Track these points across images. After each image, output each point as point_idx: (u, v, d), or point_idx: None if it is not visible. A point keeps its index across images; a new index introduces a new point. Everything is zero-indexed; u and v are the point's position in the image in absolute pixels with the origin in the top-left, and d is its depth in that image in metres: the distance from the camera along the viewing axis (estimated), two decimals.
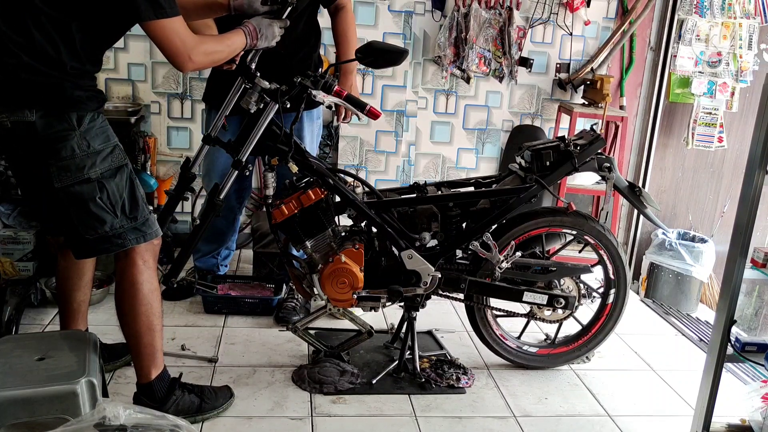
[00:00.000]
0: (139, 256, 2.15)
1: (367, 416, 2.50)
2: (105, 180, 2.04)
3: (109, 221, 2.06)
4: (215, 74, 3.04)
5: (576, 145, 2.67)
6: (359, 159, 3.97)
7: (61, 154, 1.98)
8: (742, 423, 2.33)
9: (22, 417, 1.88)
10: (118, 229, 2.08)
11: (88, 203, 2.03)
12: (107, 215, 2.05)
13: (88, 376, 1.93)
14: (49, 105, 1.97)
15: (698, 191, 4.23)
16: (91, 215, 2.05)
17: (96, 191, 2.03)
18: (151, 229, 2.16)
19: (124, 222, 2.09)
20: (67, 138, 1.98)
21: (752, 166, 2.07)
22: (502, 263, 2.65)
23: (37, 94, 1.95)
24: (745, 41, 3.70)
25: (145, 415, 1.77)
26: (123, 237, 2.10)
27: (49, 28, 1.93)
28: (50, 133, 1.97)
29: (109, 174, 2.05)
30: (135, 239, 2.12)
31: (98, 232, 2.07)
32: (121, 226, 2.08)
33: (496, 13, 3.87)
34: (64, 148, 1.98)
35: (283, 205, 2.51)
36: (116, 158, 2.08)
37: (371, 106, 2.45)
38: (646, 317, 3.68)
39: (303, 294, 2.70)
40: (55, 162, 1.99)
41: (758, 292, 3.52)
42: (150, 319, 2.20)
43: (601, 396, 2.77)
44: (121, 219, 2.08)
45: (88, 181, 2.02)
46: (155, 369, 2.25)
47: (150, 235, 2.16)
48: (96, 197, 2.03)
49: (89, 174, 2.02)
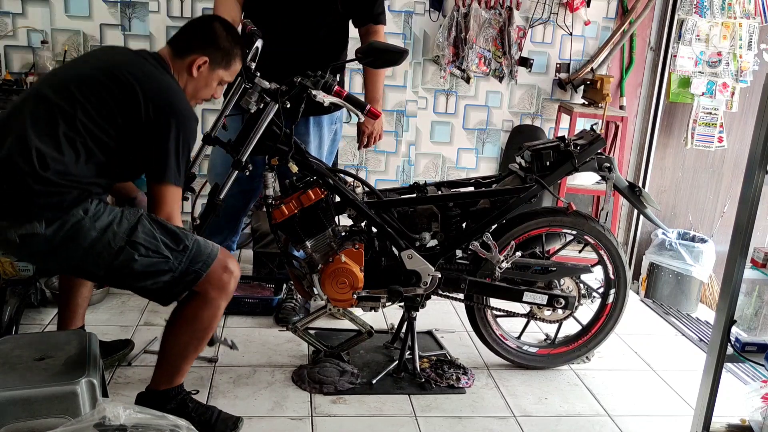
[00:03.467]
0: (205, 292, 2.08)
1: (367, 416, 2.50)
2: (133, 238, 1.98)
3: (165, 266, 2.01)
4: None
5: (576, 145, 2.67)
6: (359, 159, 3.97)
7: (85, 246, 1.95)
8: (742, 423, 2.33)
9: (22, 417, 1.87)
10: (180, 267, 2.03)
11: (134, 267, 1.99)
12: (159, 262, 2.00)
13: (88, 376, 1.93)
14: (60, 214, 1.93)
15: (698, 191, 4.23)
16: (146, 274, 2.01)
17: (133, 253, 1.98)
18: (208, 249, 2.09)
19: (180, 257, 2.03)
20: (81, 229, 1.94)
21: (752, 166, 2.07)
22: (502, 263, 2.65)
23: (49, 208, 1.91)
24: (745, 41, 3.70)
25: (145, 415, 1.77)
26: (190, 271, 2.04)
27: (81, 150, 1.93)
28: (63, 235, 1.93)
29: (132, 231, 1.99)
30: (202, 266, 2.05)
31: (164, 279, 2.02)
32: (180, 262, 2.03)
33: (496, 13, 3.87)
34: (84, 239, 1.95)
35: (283, 205, 2.51)
36: (130, 215, 2.02)
37: (371, 106, 2.45)
38: (646, 317, 3.68)
39: (303, 294, 2.70)
40: (84, 258, 1.96)
41: (758, 292, 3.52)
42: (197, 346, 2.17)
43: (601, 396, 2.77)
44: (174, 257, 2.02)
45: (120, 251, 1.97)
46: (175, 382, 2.21)
47: (212, 255, 2.08)
48: (136, 257, 1.98)
49: (117, 245, 1.97)
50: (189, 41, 2.14)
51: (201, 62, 2.10)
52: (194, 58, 2.11)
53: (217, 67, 2.15)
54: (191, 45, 2.13)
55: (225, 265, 2.11)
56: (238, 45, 2.21)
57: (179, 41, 2.16)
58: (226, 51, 2.16)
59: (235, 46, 2.19)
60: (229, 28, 2.22)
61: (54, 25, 3.63)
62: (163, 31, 3.72)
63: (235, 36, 2.23)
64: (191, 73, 2.12)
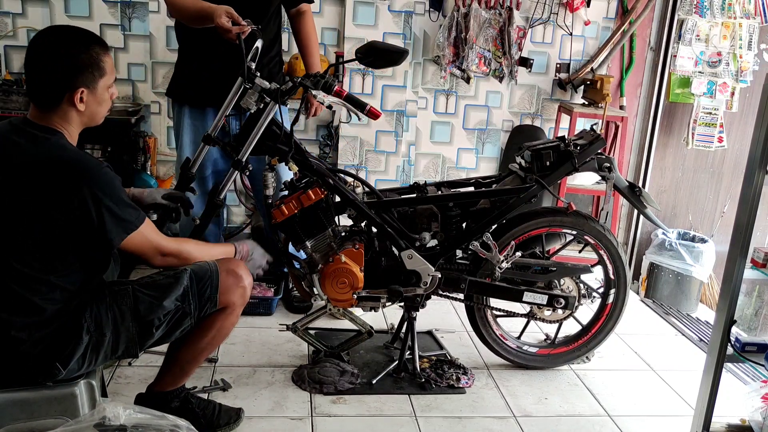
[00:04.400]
0: (225, 303, 2.07)
1: (367, 416, 2.49)
2: (142, 318, 1.94)
3: (182, 314, 1.99)
4: (181, 69, 3.03)
5: (576, 145, 2.67)
6: (359, 159, 3.97)
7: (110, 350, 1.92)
8: (742, 423, 2.33)
9: (21, 418, 1.87)
10: (194, 305, 2.01)
11: (158, 334, 1.97)
12: (175, 316, 1.98)
13: (86, 377, 1.93)
14: (74, 343, 1.86)
15: (698, 191, 4.23)
16: (170, 331, 2.00)
17: (150, 327, 1.95)
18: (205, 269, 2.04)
19: (187, 298, 1.99)
20: (98, 343, 1.89)
21: (752, 166, 2.07)
22: (502, 263, 2.65)
23: (55, 352, 1.84)
24: (745, 41, 3.69)
25: (145, 415, 1.77)
26: (204, 301, 2.03)
27: (41, 285, 1.81)
28: (87, 355, 1.88)
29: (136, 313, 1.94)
30: (211, 290, 2.02)
31: (188, 324, 2.02)
32: (190, 302, 1.99)
33: (496, 13, 3.87)
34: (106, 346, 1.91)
35: (283, 205, 2.51)
36: (121, 300, 1.94)
37: (371, 106, 2.45)
38: (646, 317, 3.68)
39: (303, 294, 2.70)
40: (115, 355, 1.95)
41: (758, 292, 3.52)
42: (211, 351, 2.19)
43: (601, 396, 2.77)
44: (183, 301, 1.98)
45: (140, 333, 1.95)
46: (180, 383, 2.23)
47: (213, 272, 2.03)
48: (154, 330, 1.96)
49: (134, 331, 1.94)
50: (49, 86, 1.81)
51: (79, 94, 1.80)
52: (69, 95, 1.80)
53: (95, 83, 1.84)
54: (55, 88, 1.80)
55: (228, 270, 2.08)
56: (87, 43, 1.84)
57: (38, 93, 1.83)
58: (88, 63, 1.82)
59: (87, 46, 1.83)
60: (65, 37, 1.85)
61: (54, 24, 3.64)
62: (163, 31, 3.72)
63: (76, 39, 1.85)
64: (77, 108, 1.82)
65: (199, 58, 2.91)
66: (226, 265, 2.09)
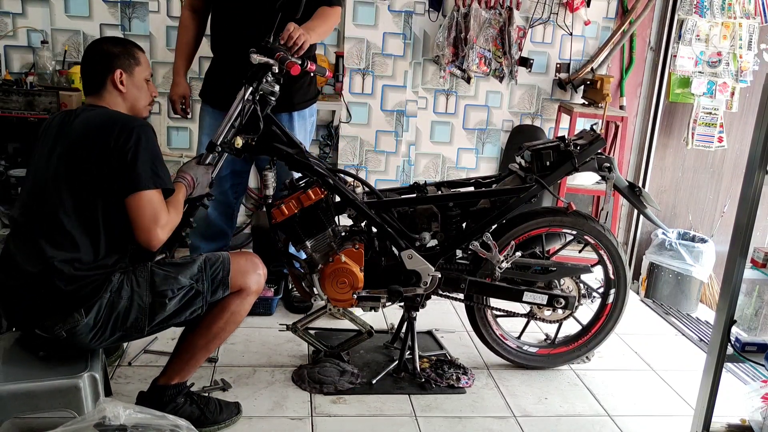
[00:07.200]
0: (239, 286, 2.20)
1: (367, 416, 2.50)
2: (156, 289, 2.07)
3: (194, 293, 2.12)
4: (210, 71, 3.07)
5: (576, 145, 2.67)
6: (359, 159, 3.97)
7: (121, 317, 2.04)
8: (742, 423, 2.33)
9: (24, 410, 1.89)
10: (206, 285, 2.14)
11: (169, 310, 2.09)
12: (187, 293, 2.11)
13: (90, 370, 1.95)
14: (94, 300, 1.99)
15: (698, 191, 4.23)
16: (181, 309, 2.11)
17: (163, 300, 2.07)
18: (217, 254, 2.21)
19: (200, 277, 2.14)
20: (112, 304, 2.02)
21: (752, 166, 2.07)
22: (502, 263, 2.65)
23: (84, 299, 1.98)
24: (745, 41, 3.70)
25: (145, 415, 1.78)
26: (216, 281, 2.15)
27: (85, 239, 1.98)
28: (101, 317, 2.00)
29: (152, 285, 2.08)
30: (223, 271, 2.16)
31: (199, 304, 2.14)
32: (203, 281, 2.14)
33: (496, 13, 3.87)
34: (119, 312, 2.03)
35: (283, 205, 2.51)
36: (141, 272, 2.08)
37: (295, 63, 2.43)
38: (646, 317, 3.68)
39: (303, 294, 2.70)
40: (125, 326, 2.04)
41: (758, 292, 3.52)
42: (224, 338, 2.27)
43: (601, 396, 2.77)
44: (197, 280, 2.13)
45: (153, 305, 2.06)
46: (187, 376, 2.28)
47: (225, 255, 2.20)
48: (167, 301, 2.07)
49: (147, 302, 2.06)
50: (94, 74, 2.14)
51: (118, 75, 2.11)
52: (110, 77, 2.11)
53: (131, 69, 2.15)
54: (98, 74, 2.13)
55: (246, 256, 2.25)
56: (124, 43, 2.21)
57: (88, 82, 2.17)
58: (123, 53, 2.15)
59: (123, 44, 2.19)
60: (105, 40, 2.30)
61: (54, 25, 3.64)
62: (163, 31, 3.72)
63: (114, 41, 2.26)
64: (119, 89, 2.13)
65: (226, 64, 2.95)
66: (243, 254, 2.27)
